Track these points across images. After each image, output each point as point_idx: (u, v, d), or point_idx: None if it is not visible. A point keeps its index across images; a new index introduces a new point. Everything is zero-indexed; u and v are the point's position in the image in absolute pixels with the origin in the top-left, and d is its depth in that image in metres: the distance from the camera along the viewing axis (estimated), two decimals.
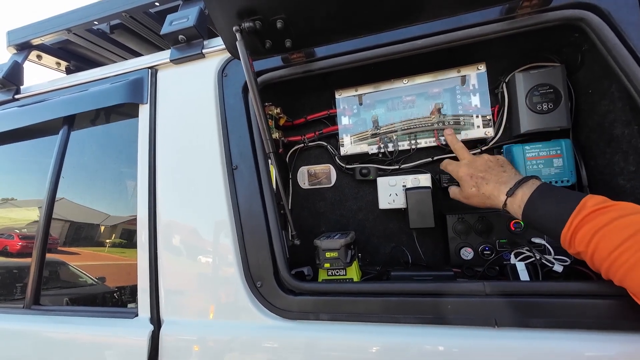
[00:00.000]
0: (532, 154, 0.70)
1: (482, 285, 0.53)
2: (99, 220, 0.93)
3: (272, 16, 0.54)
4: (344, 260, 0.69)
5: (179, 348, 0.66)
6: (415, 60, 0.67)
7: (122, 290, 0.87)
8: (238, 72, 0.72)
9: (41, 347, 0.79)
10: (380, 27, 0.59)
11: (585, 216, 0.45)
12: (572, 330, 0.48)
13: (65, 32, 0.97)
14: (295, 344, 0.59)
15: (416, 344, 0.53)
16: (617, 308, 0.47)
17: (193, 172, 0.72)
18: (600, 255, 0.43)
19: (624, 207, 0.44)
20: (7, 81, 1.00)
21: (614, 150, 0.62)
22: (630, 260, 0.40)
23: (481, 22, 0.59)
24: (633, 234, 0.40)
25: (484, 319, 0.51)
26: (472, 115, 0.75)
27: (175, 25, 0.76)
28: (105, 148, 0.93)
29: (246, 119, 0.70)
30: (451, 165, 0.68)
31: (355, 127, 0.83)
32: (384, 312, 0.56)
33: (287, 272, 0.63)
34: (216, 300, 0.67)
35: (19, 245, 1.06)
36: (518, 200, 0.54)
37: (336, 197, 0.90)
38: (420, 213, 0.73)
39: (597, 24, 0.53)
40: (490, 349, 0.50)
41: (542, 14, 0.56)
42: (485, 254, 0.74)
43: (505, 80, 0.75)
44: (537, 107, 0.70)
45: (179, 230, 0.72)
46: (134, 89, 0.80)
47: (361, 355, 0.56)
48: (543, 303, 0.50)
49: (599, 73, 0.64)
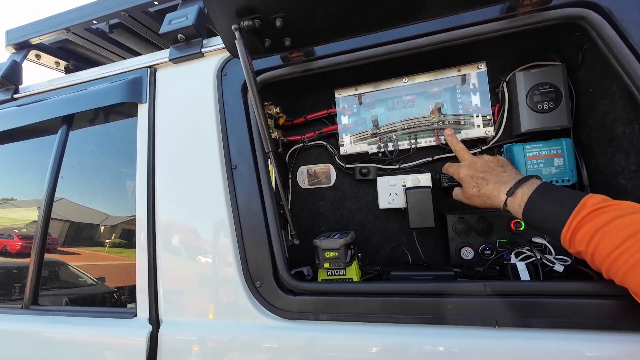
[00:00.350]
0: (532, 153, 0.70)
1: (483, 285, 0.52)
2: (98, 220, 0.92)
3: (271, 15, 0.54)
4: (343, 260, 0.68)
5: (177, 348, 0.66)
6: (415, 59, 0.66)
7: (121, 291, 0.87)
8: (237, 71, 0.72)
9: (40, 347, 0.78)
10: (380, 26, 0.59)
11: (585, 216, 0.45)
12: (573, 331, 0.48)
13: (64, 31, 0.97)
14: (295, 344, 0.59)
15: (416, 344, 0.53)
16: (619, 308, 0.46)
17: (192, 171, 0.72)
18: (600, 255, 0.43)
19: (624, 207, 0.44)
20: (6, 80, 0.99)
21: (615, 149, 0.62)
22: (630, 260, 0.40)
23: (481, 21, 0.58)
24: (633, 233, 0.40)
25: (484, 319, 0.51)
26: (472, 115, 0.75)
27: (174, 24, 0.76)
28: (104, 148, 0.93)
29: (245, 119, 0.70)
30: (452, 168, 0.68)
31: (355, 127, 0.82)
32: (384, 312, 0.56)
33: (286, 272, 0.63)
34: (215, 300, 0.67)
35: (19, 245, 1.06)
36: (518, 200, 0.53)
37: (336, 196, 0.90)
38: (420, 213, 0.73)
39: (598, 22, 0.52)
40: (491, 350, 0.50)
41: (542, 12, 0.55)
42: (485, 254, 0.74)
43: (505, 80, 0.75)
44: (538, 106, 0.70)
45: (178, 230, 0.72)
46: (132, 88, 0.80)
47: (361, 355, 0.56)
48: (544, 303, 0.49)
49: (600, 72, 0.64)
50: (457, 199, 0.68)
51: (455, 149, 0.69)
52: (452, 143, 0.70)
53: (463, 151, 0.68)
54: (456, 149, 0.69)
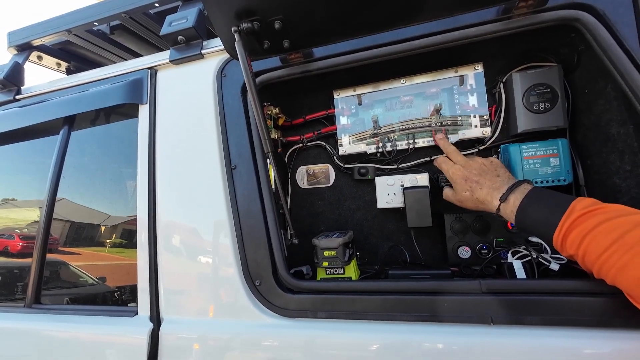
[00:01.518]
0: (529, 153, 0.71)
1: (478, 284, 0.53)
2: (99, 220, 0.93)
3: (270, 17, 0.54)
4: (342, 259, 0.69)
5: (178, 346, 0.67)
6: (413, 61, 0.67)
7: (122, 290, 0.88)
8: (237, 72, 0.73)
9: (42, 344, 0.79)
10: (378, 28, 0.60)
11: (575, 220, 0.46)
12: (568, 328, 0.49)
13: (65, 32, 0.97)
14: (294, 342, 0.60)
15: (413, 342, 0.54)
16: (613, 306, 0.47)
17: (192, 171, 0.73)
18: (590, 257, 0.44)
19: (612, 210, 0.44)
20: (8, 82, 1.00)
21: (610, 149, 0.63)
22: (618, 262, 0.41)
23: (478, 23, 0.59)
24: (620, 236, 0.41)
25: (480, 317, 0.52)
26: (469, 115, 0.76)
27: (175, 26, 0.77)
28: (105, 148, 0.94)
29: (245, 119, 0.71)
30: (446, 165, 0.68)
31: (353, 127, 0.83)
32: (382, 310, 0.57)
33: (285, 271, 0.63)
34: (215, 298, 0.67)
35: (20, 245, 1.07)
36: (510, 205, 0.55)
37: (335, 196, 0.91)
38: (418, 212, 0.73)
39: (593, 24, 0.53)
40: (486, 347, 0.50)
41: (538, 14, 0.56)
42: (482, 253, 0.75)
43: (502, 80, 0.76)
44: (534, 106, 0.70)
45: (179, 230, 0.73)
46: (133, 89, 0.81)
47: (359, 352, 0.57)
48: (539, 301, 0.50)
49: (595, 73, 0.65)
50: (447, 200, 0.69)
51: (447, 151, 0.70)
52: (443, 146, 0.71)
53: (455, 153, 0.69)
54: (448, 152, 0.70)
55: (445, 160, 0.69)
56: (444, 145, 0.71)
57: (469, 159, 0.67)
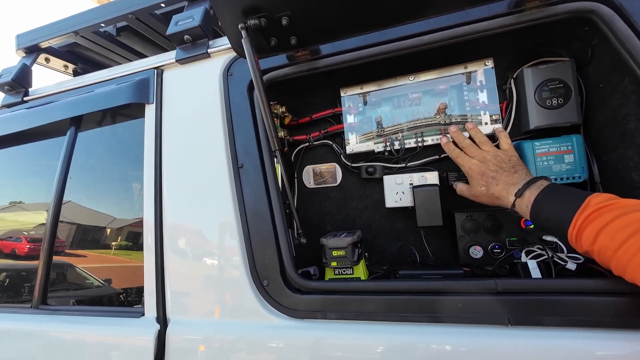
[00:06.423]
0: (542, 150, 0.69)
1: (494, 283, 0.51)
2: (105, 222, 0.93)
3: (277, 13, 0.54)
4: (351, 259, 0.68)
5: (185, 347, 0.66)
6: (421, 57, 0.66)
7: (128, 292, 0.87)
8: (243, 71, 0.72)
9: (49, 345, 0.79)
10: (386, 24, 0.59)
11: (589, 215, 0.45)
12: (588, 329, 0.47)
13: (72, 34, 0.98)
14: (302, 343, 0.59)
15: (425, 343, 0.52)
16: (634, 305, 0.45)
17: (199, 171, 0.72)
18: (606, 254, 0.43)
19: (628, 204, 0.43)
20: (17, 84, 1.01)
21: (628, 145, 0.61)
22: (635, 258, 0.39)
23: (488, 17, 0.58)
24: (635, 231, 0.40)
25: (496, 318, 0.50)
26: (480, 112, 0.74)
27: (181, 26, 0.77)
28: (112, 149, 0.94)
29: (252, 118, 0.70)
30: (462, 159, 0.67)
31: (360, 126, 0.82)
32: (393, 310, 0.55)
33: (294, 271, 0.62)
34: (222, 299, 0.66)
35: (27, 247, 1.07)
36: (525, 201, 0.53)
37: (342, 196, 0.90)
38: (428, 211, 0.72)
39: (609, 15, 0.52)
40: (503, 348, 0.49)
41: (550, 7, 0.55)
42: (495, 253, 0.73)
43: (513, 76, 0.74)
44: (547, 102, 0.69)
45: (185, 229, 0.72)
46: (140, 89, 0.80)
47: (369, 354, 0.55)
48: (557, 301, 0.48)
49: (610, 66, 0.63)
50: (461, 194, 0.68)
51: (462, 145, 0.68)
52: (458, 140, 0.69)
53: (471, 147, 0.67)
54: (463, 145, 0.68)
55: (460, 155, 0.68)
56: (458, 137, 0.69)
57: (485, 153, 0.65)
